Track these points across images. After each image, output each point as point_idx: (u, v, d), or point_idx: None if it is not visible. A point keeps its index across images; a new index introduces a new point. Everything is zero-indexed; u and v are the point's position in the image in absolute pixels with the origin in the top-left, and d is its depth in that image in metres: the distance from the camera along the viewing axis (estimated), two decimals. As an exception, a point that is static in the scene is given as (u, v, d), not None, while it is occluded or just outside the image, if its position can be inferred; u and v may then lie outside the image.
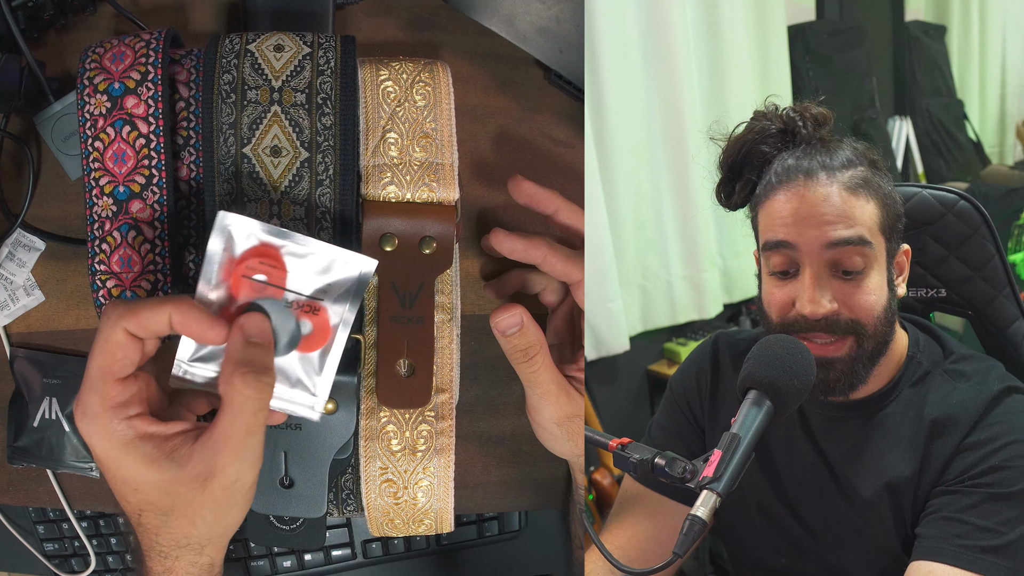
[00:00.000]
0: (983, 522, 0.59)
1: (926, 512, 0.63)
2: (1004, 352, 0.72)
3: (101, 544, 0.85)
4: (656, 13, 1.44)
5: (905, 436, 0.65)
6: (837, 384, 0.63)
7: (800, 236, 0.61)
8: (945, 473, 0.63)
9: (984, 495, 0.60)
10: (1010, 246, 1.63)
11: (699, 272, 1.59)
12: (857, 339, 0.62)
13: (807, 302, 0.61)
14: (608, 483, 1.29)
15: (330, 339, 0.56)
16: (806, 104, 0.65)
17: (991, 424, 0.62)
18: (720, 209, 0.71)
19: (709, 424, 0.73)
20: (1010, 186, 1.98)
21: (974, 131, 2.39)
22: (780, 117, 0.65)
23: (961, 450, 0.62)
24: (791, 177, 0.63)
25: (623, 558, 0.67)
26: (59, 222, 0.72)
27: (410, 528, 0.66)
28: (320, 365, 0.56)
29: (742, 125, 0.66)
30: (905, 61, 2.25)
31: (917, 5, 2.36)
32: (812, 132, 0.64)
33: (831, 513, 0.67)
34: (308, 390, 0.57)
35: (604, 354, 1.44)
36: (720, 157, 0.67)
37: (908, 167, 2.20)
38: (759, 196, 0.65)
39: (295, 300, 0.55)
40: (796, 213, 0.62)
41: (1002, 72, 2.52)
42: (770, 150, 0.65)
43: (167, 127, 0.61)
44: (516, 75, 0.74)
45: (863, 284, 0.62)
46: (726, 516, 0.74)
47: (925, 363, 0.66)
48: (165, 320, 0.51)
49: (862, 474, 0.66)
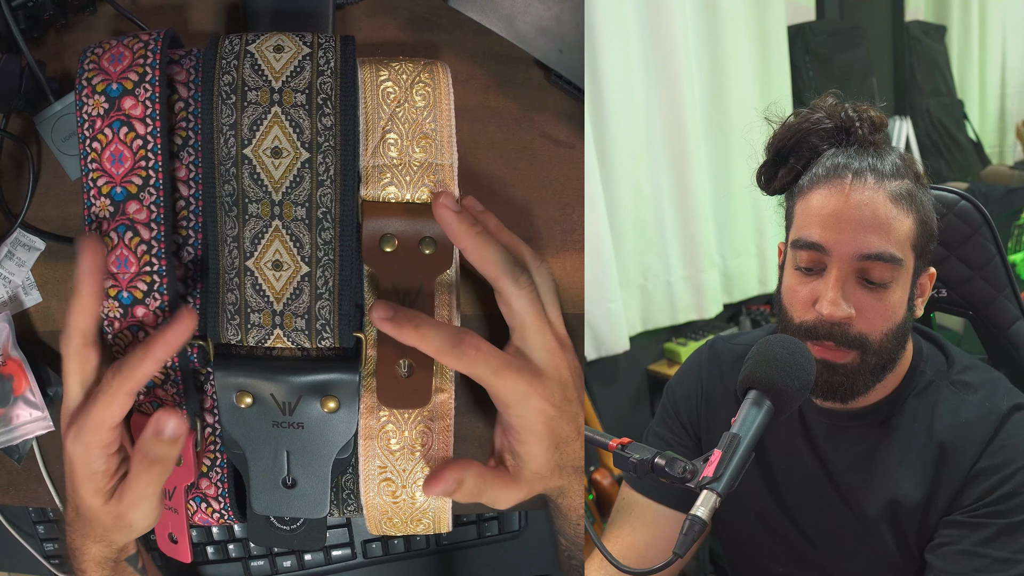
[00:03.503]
0: (1001, 554, 0.59)
1: (939, 542, 0.62)
2: (1005, 353, 0.72)
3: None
4: (656, 13, 1.44)
5: (913, 450, 0.64)
6: (839, 389, 0.63)
7: (835, 241, 0.60)
8: (956, 500, 0.62)
9: (1000, 526, 0.60)
10: (1010, 246, 1.63)
11: (699, 272, 1.59)
12: (861, 353, 0.62)
13: (827, 302, 0.60)
14: (608, 483, 1.29)
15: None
16: (865, 106, 0.65)
17: (1002, 447, 0.61)
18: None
19: (705, 430, 0.73)
20: (1010, 186, 1.98)
21: (974, 131, 2.39)
22: (838, 114, 0.64)
23: (972, 476, 0.62)
24: (840, 174, 0.62)
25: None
26: (59, 222, 0.72)
27: (408, 527, 0.66)
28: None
29: (797, 113, 0.65)
30: (905, 61, 2.25)
31: (917, 5, 2.36)
32: (867, 135, 0.64)
33: (831, 521, 0.67)
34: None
35: (604, 354, 1.44)
36: (769, 139, 0.66)
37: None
38: (802, 186, 0.64)
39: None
40: (837, 213, 0.61)
41: (1002, 72, 2.52)
42: (820, 143, 0.64)
43: (164, 128, 0.61)
44: (516, 75, 0.74)
45: (884, 298, 0.61)
46: (726, 524, 0.74)
47: (929, 373, 0.66)
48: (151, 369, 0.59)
49: (865, 486, 0.65)
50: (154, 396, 0.65)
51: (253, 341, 0.61)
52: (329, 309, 0.61)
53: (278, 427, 0.62)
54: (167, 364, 0.64)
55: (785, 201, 0.67)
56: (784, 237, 0.67)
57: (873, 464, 0.65)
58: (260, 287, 0.61)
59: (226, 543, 0.87)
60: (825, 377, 0.62)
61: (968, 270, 0.72)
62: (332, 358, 0.62)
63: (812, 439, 0.68)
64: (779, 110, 0.67)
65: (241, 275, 0.61)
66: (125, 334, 0.63)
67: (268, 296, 0.61)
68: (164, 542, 0.70)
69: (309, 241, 0.61)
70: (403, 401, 0.63)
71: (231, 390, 0.62)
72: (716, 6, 1.57)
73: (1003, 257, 0.72)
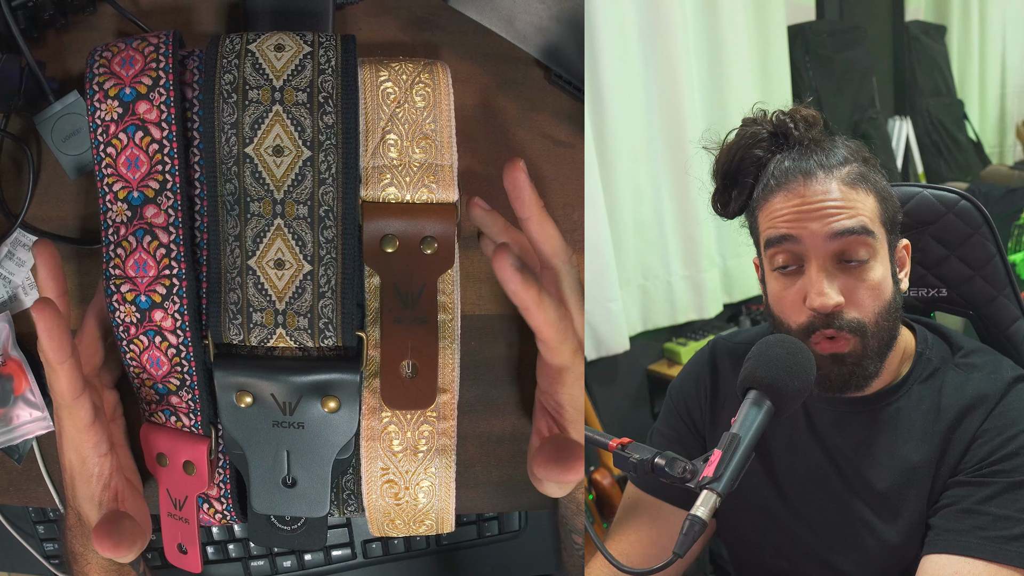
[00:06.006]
0: (1003, 511, 0.60)
1: (942, 504, 0.63)
2: (1005, 352, 0.72)
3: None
4: (656, 13, 1.44)
5: (919, 427, 0.65)
6: (851, 379, 0.63)
7: (803, 229, 0.62)
8: (962, 461, 0.63)
9: (1002, 484, 0.61)
10: (1010, 246, 1.63)
11: (699, 272, 1.59)
12: (862, 339, 0.62)
13: (815, 295, 0.61)
14: (608, 483, 1.29)
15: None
16: (795, 107, 0.66)
17: (1006, 411, 0.63)
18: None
19: (709, 429, 0.73)
20: (1010, 186, 1.98)
21: (974, 131, 2.39)
22: (770, 121, 0.66)
23: (977, 437, 0.63)
24: (790, 178, 0.63)
25: (627, 563, 0.67)
26: (59, 222, 0.72)
27: (411, 528, 0.66)
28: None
29: (733, 132, 0.67)
30: (905, 61, 2.26)
31: (917, 5, 2.36)
32: (804, 133, 0.65)
33: (836, 512, 0.67)
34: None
35: (604, 354, 1.44)
36: (714, 166, 0.68)
37: (908, 167, 2.20)
38: (757, 199, 0.65)
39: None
40: (798, 210, 0.62)
41: (1002, 72, 2.52)
42: (764, 154, 0.65)
43: (180, 132, 0.61)
44: (516, 75, 0.74)
45: (867, 276, 0.62)
46: (728, 519, 0.74)
47: (935, 360, 0.67)
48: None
49: (875, 468, 0.66)
50: (168, 403, 0.65)
51: (255, 340, 0.61)
52: (332, 308, 0.61)
53: (278, 427, 0.62)
54: (182, 369, 0.63)
55: (746, 220, 0.68)
56: (756, 254, 0.68)
57: (879, 442, 0.66)
58: (262, 286, 0.61)
59: (226, 543, 0.88)
60: (835, 371, 0.63)
61: (968, 270, 0.73)
62: (333, 358, 0.62)
63: (816, 430, 0.68)
64: (713, 135, 0.68)
65: (243, 274, 0.61)
66: (141, 340, 0.62)
67: (270, 295, 0.61)
68: (172, 552, 0.69)
69: (311, 240, 0.61)
70: (407, 402, 0.63)
71: (231, 390, 0.62)
72: (716, 6, 1.57)
73: (1003, 257, 0.73)
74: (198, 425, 0.65)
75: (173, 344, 0.62)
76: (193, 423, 0.65)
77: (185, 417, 0.65)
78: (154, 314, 0.62)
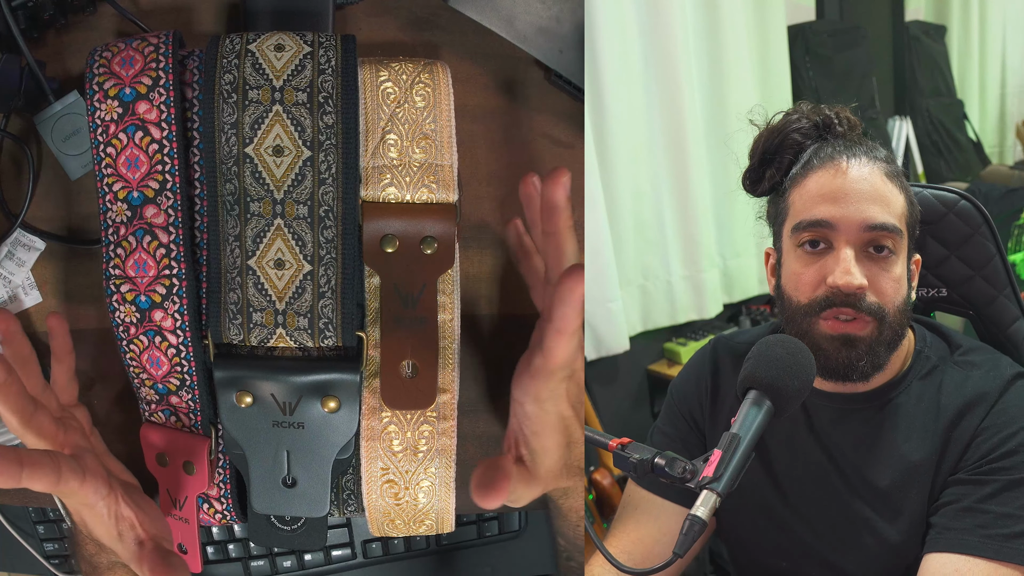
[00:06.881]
0: (1003, 509, 0.60)
1: (942, 502, 0.63)
2: (1005, 352, 0.72)
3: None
4: (656, 13, 1.44)
5: (919, 425, 0.65)
6: (858, 365, 0.63)
7: (840, 215, 0.63)
8: (962, 459, 0.63)
9: (1003, 482, 0.61)
10: (1010, 246, 1.63)
11: (699, 272, 1.59)
12: (879, 324, 0.63)
13: (842, 272, 0.62)
14: (608, 483, 1.29)
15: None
16: (839, 107, 0.69)
17: (1005, 409, 0.63)
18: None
19: (710, 428, 0.73)
20: (1010, 186, 1.98)
21: (974, 131, 2.39)
22: (817, 114, 0.68)
23: (977, 435, 0.63)
24: (835, 157, 0.65)
25: (628, 562, 0.67)
26: (59, 222, 0.72)
27: (411, 528, 0.66)
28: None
29: (779, 115, 0.69)
30: (905, 61, 2.26)
31: (917, 5, 2.36)
32: (847, 131, 0.68)
33: (836, 511, 0.67)
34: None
35: (604, 354, 1.44)
36: (753, 143, 0.70)
37: (908, 167, 2.20)
38: (795, 176, 0.67)
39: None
40: (839, 189, 0.63)
41: (1002, 72, 2.52)
42: (803, 140, 0.68)
43: (180, 132, 0.61)
44: (516, 75, 0.74)
45: (890, 268, 0.63)
46: (728, 519, 0.74)
47: (934, 357, 0.67)
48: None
49: (875, 466, 0.66)
50: (167, 403, 0.65)
51: (255, 340, 0.61)
52: (332, 307, 0.61)
53: (278, 427, 0.62)
54: (182, 369, 0.64)
55: (772, 202, 0.69)
56: (771, 243, 0.69)
57: (879, 440, 0.66)
58: (262, 286, 0.61)
59: (226, 543, 0.88)
60: (844, 354, 0.63)
61: (968, 270, 0.73)
62: (332, 358, 0.62)
63: (815, 428, 0.68)
64: (762, 112, 0.70)
65: (243, 274, 0.61)
66: (141, 340, 0.62)
67: (270, 295, 0.61)
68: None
69: (311, 239, 0.61)
70: (407, 402, 0.63)
71: (231, 390, 0.62)
72: (716, 6, 1.57)
73: (1003, 257, 0.73)
74: (198, 425, 0.65)
75: (173, 344, 0.62)
76: (193, 423, 0.65)
77: (185, 417, 0.65)
78: (154, 314, 0.62)
